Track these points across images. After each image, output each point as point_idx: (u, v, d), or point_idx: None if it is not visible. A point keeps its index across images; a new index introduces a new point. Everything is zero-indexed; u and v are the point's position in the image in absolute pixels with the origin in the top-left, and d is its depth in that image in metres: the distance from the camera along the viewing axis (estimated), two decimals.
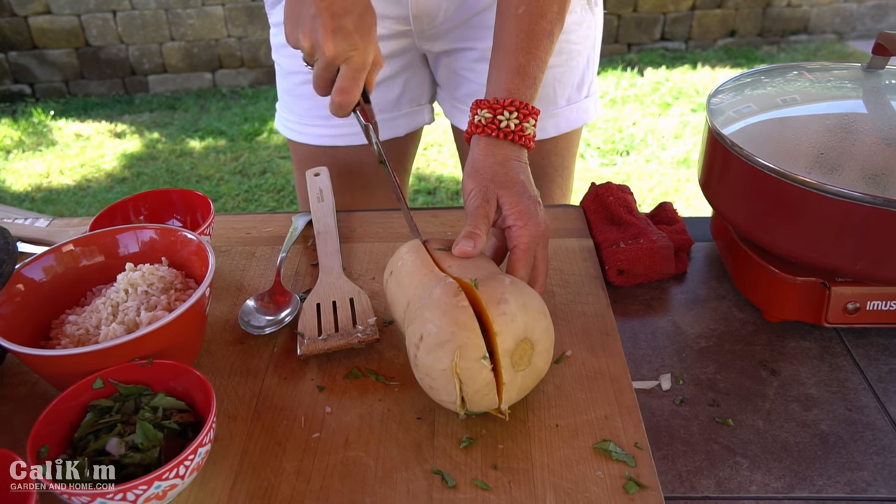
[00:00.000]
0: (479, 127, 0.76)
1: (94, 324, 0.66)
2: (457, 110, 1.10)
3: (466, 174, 0.76)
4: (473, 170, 0.75)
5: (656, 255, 0.82)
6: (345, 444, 0.61)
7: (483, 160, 0.75)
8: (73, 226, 0.93)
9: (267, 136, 3.49)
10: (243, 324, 0.74)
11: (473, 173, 0.75)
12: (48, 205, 2.96)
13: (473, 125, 0.77)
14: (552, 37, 0.80)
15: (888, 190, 0.64)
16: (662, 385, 0.71)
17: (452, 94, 1.09)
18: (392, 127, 1.10)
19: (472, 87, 1.05)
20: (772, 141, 0.73)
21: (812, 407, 0.68)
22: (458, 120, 1.11)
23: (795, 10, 4.27)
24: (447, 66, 1.07)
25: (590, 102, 1.10)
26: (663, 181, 2.93)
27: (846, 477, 0.62)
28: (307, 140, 1.09)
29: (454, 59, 1.05)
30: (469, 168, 0.76)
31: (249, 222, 0.93)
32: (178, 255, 0.73)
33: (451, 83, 1.08)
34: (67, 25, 3.85)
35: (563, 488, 0.57)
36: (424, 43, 1.03)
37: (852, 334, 0.77)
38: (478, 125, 0.76)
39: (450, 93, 1.10)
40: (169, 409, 0.60)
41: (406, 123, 1.12)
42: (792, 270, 0.74)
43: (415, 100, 1.11)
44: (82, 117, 3.77)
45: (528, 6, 0.78)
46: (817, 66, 0.88)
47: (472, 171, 0.75)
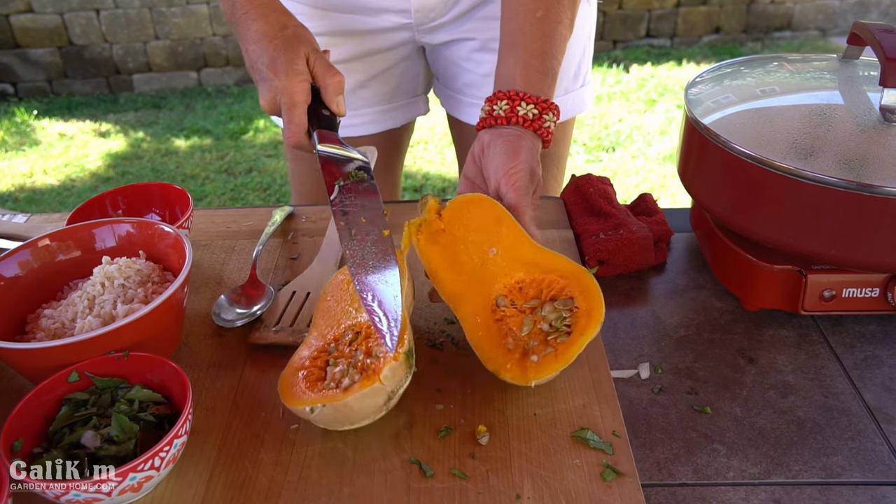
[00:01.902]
0: (497, 118, 0.75)
1: (70, 317, 0.65)
2: (454, 100, 1.10)
3: (467, 164, 0.76)
4: (471, 158, 0.76)
5: (635, 245, 0.82)
6: (323, 435, 0.61)
7: (490, 142, 0.74)
8: (51, 221, 0.93)
9: (253, 134, 3.47)
10: (215, 317, 0.74)
11: (471, 162, 0.75)
12: (32, 205, 2.93)
13: (492, 117, 0.76)
14: (566, 42, 0.81)
15: (862, 175, 0.64)
16: (641, 374, 0.71)
17: (449, 84, 1.10)
18: (388, 118, 1.11)
19: (471, 76, 1.05)
20: (749, 129, 0.73)
21: (789, 394, 0.69)
22: (455, 110, 1.11)
23: (779, 7, 4.29)
24: (445, 58, 1.07)
25: (585, 92, 1.11)
26: (649, 177, 2.94)
27: (821, 462, 0.62)
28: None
29: (453, 49, 1.05)
30: (469, 157, 0.76)
31: (230, 216, 0.93)
32: (156, 248, 0.73)
33: (449, 74, 1.08)
34: (50, 24, 3.82)
35: (541, 476, 0.57)
36: (424, 35, 1.03)
37: (829, 322, 0.77)
38: (496, 117, 0.75)
39: (447, 84, 1.10)
40: (145, 401, 0.60)
41: (402, 115, 1.12)
42: (769, 258, 0.74)
43: (410, 91, 1.11)
44: (66, 117, 3.74)
45: (545, 11, 0.79)
46: (798, 56, 0.88)
47: (470, 160, 0.76)
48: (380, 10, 0.99)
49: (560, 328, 0.63)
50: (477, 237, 0.68)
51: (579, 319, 0.62)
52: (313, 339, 0.64)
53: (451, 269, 0.68)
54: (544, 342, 0.63)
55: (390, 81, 1.08)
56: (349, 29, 1.02)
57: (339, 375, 0.59)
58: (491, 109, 0.76)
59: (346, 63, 1.05)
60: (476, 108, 1.08)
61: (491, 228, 0.68)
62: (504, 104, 0.75)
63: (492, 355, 0.63)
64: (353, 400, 0.56)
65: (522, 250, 0.67)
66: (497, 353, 0.63)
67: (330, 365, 0.61)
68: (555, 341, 0.62)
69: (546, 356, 0.61)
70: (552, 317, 0.64)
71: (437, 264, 0.68)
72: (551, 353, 0.61)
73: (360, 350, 0.61)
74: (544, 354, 0.61)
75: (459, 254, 0.68)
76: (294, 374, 0.61)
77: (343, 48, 1.03)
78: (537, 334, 0.63)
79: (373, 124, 1.11)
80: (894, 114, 0.70)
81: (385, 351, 0.58)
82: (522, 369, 0.61)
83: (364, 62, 1.05)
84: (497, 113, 0.75)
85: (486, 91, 1.05)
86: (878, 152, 0.68)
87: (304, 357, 0.62)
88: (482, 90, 1.06)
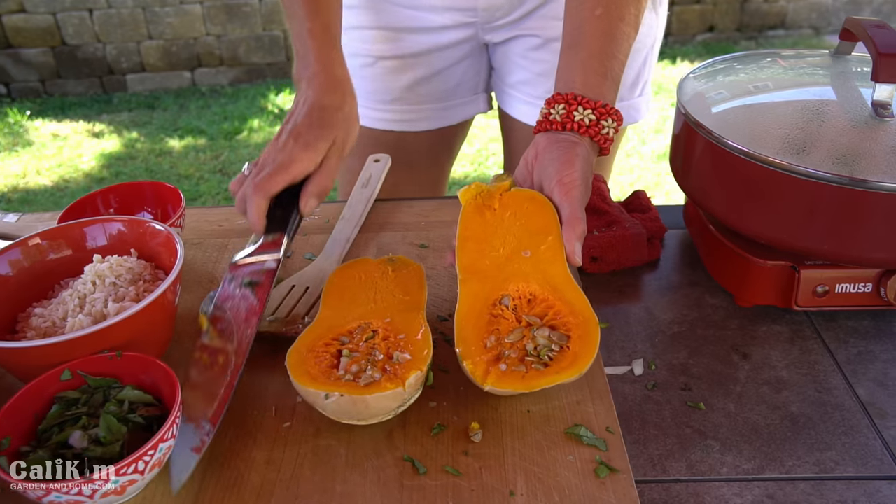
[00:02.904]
0: (553, 123, 0.72)
1: (61, 316, 0.65)
2: (506, 95, 1.10)
3: (519, 167, 0.74)
4: (524, 162, 0.74)
5: (629, 242, 0.82)
6: (316, 433, 0.61)
7: (545, 148, 0.72)
8: (43, 220, 0.92)
9: (247, 134, 3.47)
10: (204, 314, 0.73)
11: (523, 167, 0.73)
12: (25, 205, 2.92)
13: (549, 121, 0.73)
14: (630, 40, 0.77)
15: (854, 170, 0.65)
16: (635, 370, 0.71)
17: (504, 79, 1.09)
18: (444, 116, 1.10)
19: (525, 74, 1.05)
20: (741, 125, 0.73)
21: (782, 389, 0.69)
22: (505, 104, 1.11)
23: (773, 6, 4.31)
24: (503, 53, 1.06)
25: (641, 101, 1.09)
26: (644, 175, 2.94)
27: (815, 457, 0.62)
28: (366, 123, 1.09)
29: (511, 45, 1.04)
30: (522, 161, 0.74)
31: (222, 215, 0.93)
32: (147, 246, 0.73)
33: (505, 69, 1.08)
34: (43, 24, 3.81)
35: (534, 473, 0.57)
36: (488, 33, 1.03)
37: (822, 318, 0.77)
38: (552, 121, 0.72)
39: (502, 78, 1.10)
40: (135, 402, 0.59)
41: (459, 112, 1.11)
42: (762, 254, 0.74)
43: (471, 89, 1.10)
44: (59, 117, 3.73)
45: (605, 8, 0.75)
46: (791, 53, 0.89)
47: (522, 164, 0.74)
48: (445, 8, 0.98)
49: (542, 357, 0.61)
50: (519, 233, 0.67)
51: (563, 359, 0.60)
52: (324, 324, 0.64)
53: (480, 245, 0.67)
54: (521, 359, 0.61)
55: (450, 79, 1.07)
56: (410, 25, 1.01)
57: (356, 369, 0.59)
58: (548, 113, 0.73)
59: (404, 59, 1.04)
60: (527, 106, 1.08)
61: (536, 233, 0.67)
62: (561, 108, 0.72)
63: (468, 341, 0.61)
64: (374, 398, 0.56)
65: (553, 270, 0.65)
66: (474, 340, 0.61)
67: (344, 356, 0.61)
68: (530, 365, 0.60)
69: (514, 372, 0.59)
70: (541, 342, 0.62)
71: (471, 233, 0.68)
72: (520, 372, 0.59)
73: (377, 350, 0.61)
74: (514, 370, 0.59)
75: (495, 237, 0.68)
76: (306, 354, 0.61)
77: (401, 44, 1.03)
78: (520, 349, 0.61)
79: (428, 121, 1.10)
80: (886, 109, 0.70)
81: (407, 358, 0.59)
82: (486, 370, 0.59)
83: (423, 59, 1.04)
84: (553, 117, 0.72)
85: (539, 90, 1.05)
86: (870, 147, 0.68)
87: (316, 340, 0.62)
88: (536, 89, 1.05)
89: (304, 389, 0.58)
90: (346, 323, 0.64)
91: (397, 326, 0.63)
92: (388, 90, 1.08)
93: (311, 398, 0.58)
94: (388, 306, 0.65)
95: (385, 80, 1.07)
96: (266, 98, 3.80)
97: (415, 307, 0.65)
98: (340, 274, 0.70)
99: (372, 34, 1.04)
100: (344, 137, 0.76)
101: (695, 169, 0.78)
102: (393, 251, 0.83)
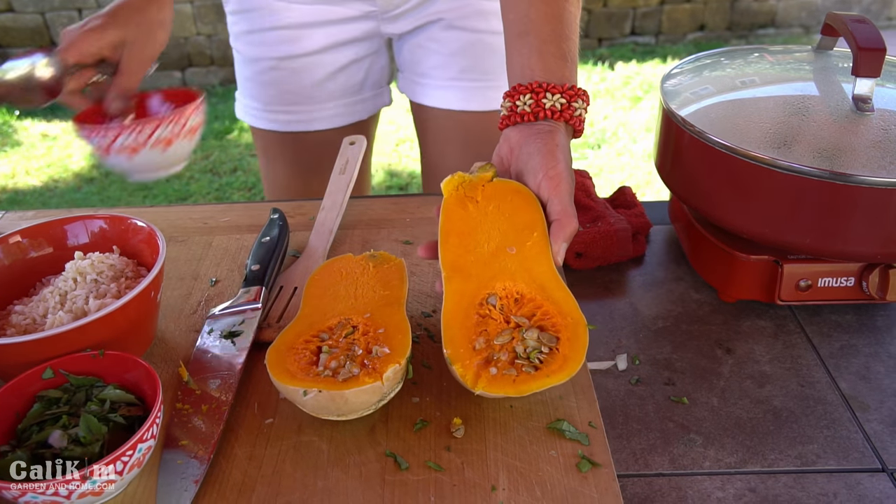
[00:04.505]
0: (522, 115, 0.69)
1: (41, 313, 0.64)
2: (419, 86, 1.10)
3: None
4: (498, 160, 0.71)
5: (614, 237, 0.82)
6: (298, 429, 0.61)
7: (522, 142, 0.69)
8: (26, 219, 0.92)
9: (237, 134, 3.46)
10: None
11: (498, 164, 0.71)
12: (13, 206, 2.90)
13: (517, 114, 0.69)
14: (577, 19, 0.75)
15: (835, 164, 0.65)
16: (619, 365, 0.71)
17: (414, 70, 1.09)
18: (355, 111, 1.11)
19: (437, 58, 1.05)
20: (724, 120, 0.73)
21: (765, 383, 0.69)
22: (419, 95, 1.11)
23: (763, 5, 4.32)
24: (410, 43, 1.06)
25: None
26: (635, 174, 2.95)
27: (797, 450, 0.62)
28: (275, 127, 1.09)
29: (418, 33, 1.04)
30: (494, 158, 0.72)
31: (207, 212, 0.92)
32: (130, 243, 0.72)
33: (414, 59, 1.08)
34: (31, 24, 3.79)
35: (516, 468, 0.57)
36: (388, 25, 1.03)
37: (806, 312, 0.78)
38: (521, 113, 0.69)
39: (412, 70, 1.10)
40: (117, 401, 0.59)
41: (368, 107, 1.12)
42: (746, 249, 0.74)
43: (376, 83, 1.11)
44: (49, 117, 3.71)
45: None
46: (779, 48, 0.89)
47: (496, 162, 0.72)
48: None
49: (532, 359, 0.59)
50: (503, 227, 0.65)
51: (553, 362, 0.59)
52: (304, 322, 0.64)
53: (463, 241, 0.65)
54: (511, 362, 0.59)
55: (357, 74, 1.07)
56: (315, 20, 1.02)
57: (335, 365, 0.59)
58: (513, 106, 0.70)
59: (312, 56, 1.04)
60: (441, 91, 1.07)
61: (522, 229, 0.65)
62: (528, 98, 0.69)
63: (457, 342, 0.60)
64: (352, 393, 0.56)
65: (539, 268, 0.63)
66: (462, 343, 0.60)
67: (324, 352, 0.61)
68: (520, 367, 0.59)
69: (505, 376, 0.58)
70: (531, 344, 0.60)
71: (452, 227, 0.66)
72: (511, 375, 0.58)
73: (356, 345, 0.61)
74: (505, 373, 0.58)
75: (478, 232, 0.65)
76: (285, 352, 0.60)
77: (310, 41, 1.03)
78: (509, 351, 0.60)
79: (340, 117, 1.11)
80: (867, 103, 0.70)
81: (385, 352, 0.59)
82: (476, 374, 0.58)
83: (330, 54, 1.05)
84: (522, 109, 0.69)
85: (451, 71, 1.05)
86: (851, 141, 0.68)
87: (296, 338, 0.62)
88: (448, 71, 1.05)
89: (283, 387, 0.58)
90: (326, 319, 0.64)
91: (377, 321, 0.63)
92: (292, 91, 1.08)
93: (290, 395, 0.58)
94: (368, 301, 0.65)
95: (289, 81, 1.07)
96: None
97: (395, 301, 0.65)
98: (321, 271, 0.70)
99: (271, 35, 1.04)
100: (142, 41, 0.80)
101: (678, 164, 0.78)
102: (377, 248, 0.83)
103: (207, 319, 0.71)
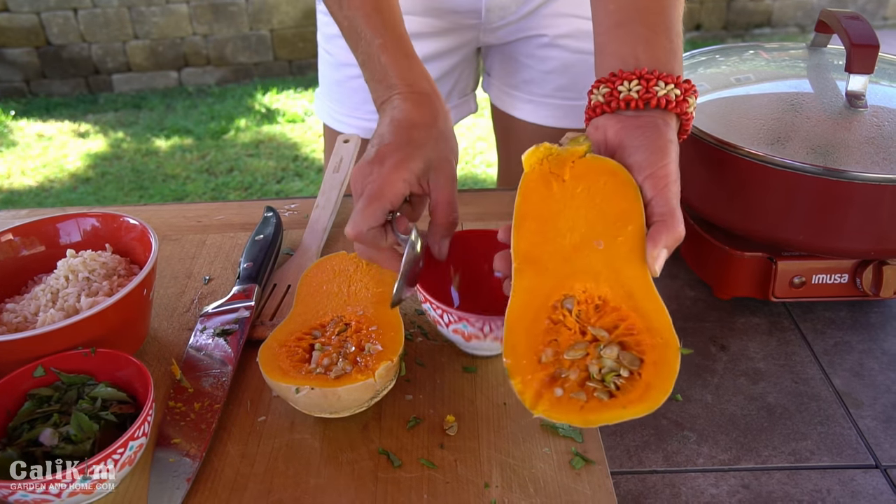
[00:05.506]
0: (627, 101, 0.58)
1: (33, 311, 0.64)
2: (508, 96, 1.09)
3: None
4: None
5: None
6: (290, 427, 0.61)
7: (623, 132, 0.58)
8: (19, 217, 0.91)
9: (234, 134, 3.45)
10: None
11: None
12: (9, 206, 2.90)
13: (618, 100, 0.58)
14: (681, 10, 0.65)
15: (829, 160, 0.65)
16: None
17: (505, 80, 1.08)
18: None
19: (532, 73, 1.04)
20: (719, 116, 0.73)
21: (759, 380, 0.69)
22: (507, 106, 1.10)
23: (759, 4, 4.32)
24: (504, 54, 1.05)
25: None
26: None
27: (790, 447, 0.62)
28: (357, 132, 1.07)
29: (516, 46, 1.03)
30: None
31: (201, 211, 0.92)
32: (122, 241, 0.72)
33: (507, 70, 1.06)
34: (27, 24, 3.78)
35: (510, 465, 0.57)
36: (488, 35, 1.02)
37: (800, 309, 0.78)
38: (626, 99, 0.58)
39: (502, 80, 1.08)
40: (108, 399, 0.58)
41: (454, 116, 1.10)
42: (740, 246, 0.74)
43: (462, 91, 1.10)
44: (44, 117, 3.70)
45: None
46: (775, 45, 0.89)
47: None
48: (446, 10, 0.97)
49: (607, 382, 0.50)
50: (591, 216, 0.54)
51: (633, 390, 0.49)
52: (297, 319, 0.64)
53: (541, 226, 0.55)
54: (581, 383, 0.50)
55: (446, 84, 1.06)
56: (418, 31, 0.98)
57: (327, 362, 0.59)
58: (614, 91, 0.58)
59: None
60: (532, 105, 1.06)
61: (614, 220, 0.54)
62: (634, 84, 0.58)
63: (519, 352, 0.51)
64: (344, 391, 0.56)
65: (629, 270, 0.52)
66: (526, 353, 0.51)
67: (316, 350, 0.60)
68: (591, 391, 0.50)
69: (572, 400, 0.49)
70: (608, 364, 0.50)
71: (531, 209, 0.55)
72: (579, 400, 0.49)
73: (349, 342, 0.61)
74: (572, 396, 0.49)
75: (561, 217, 0.55)
76: (277, 350, 0.60)
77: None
78: (581, 369, 0.51)
79: None
80: (860, 100, 0.70)
81: (378, 349, 0.59)
82: (538, 392, 0.50)
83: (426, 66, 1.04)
84: (628, 94, 0.58)
85: (545, 88, 1.04)
86: (844, 137, 0.68)
87: (289, 336, 0.62)
88: (542, 87, 1.04)
89: (275, 384, 0.57)
90: (319, 317, 0.64)
91: (370, 318, 0.63)
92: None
93: (282, 393, 0.58)
94: (361, 299, 0.65)
95: None
96: (253, 98, 3.79)
97: (388, 299, 0.65)
98: (315, 269, 0.69)
99: None
100: (442, 159, 0.64)
101: None
102: None
103: (200, 317, 0.71)
